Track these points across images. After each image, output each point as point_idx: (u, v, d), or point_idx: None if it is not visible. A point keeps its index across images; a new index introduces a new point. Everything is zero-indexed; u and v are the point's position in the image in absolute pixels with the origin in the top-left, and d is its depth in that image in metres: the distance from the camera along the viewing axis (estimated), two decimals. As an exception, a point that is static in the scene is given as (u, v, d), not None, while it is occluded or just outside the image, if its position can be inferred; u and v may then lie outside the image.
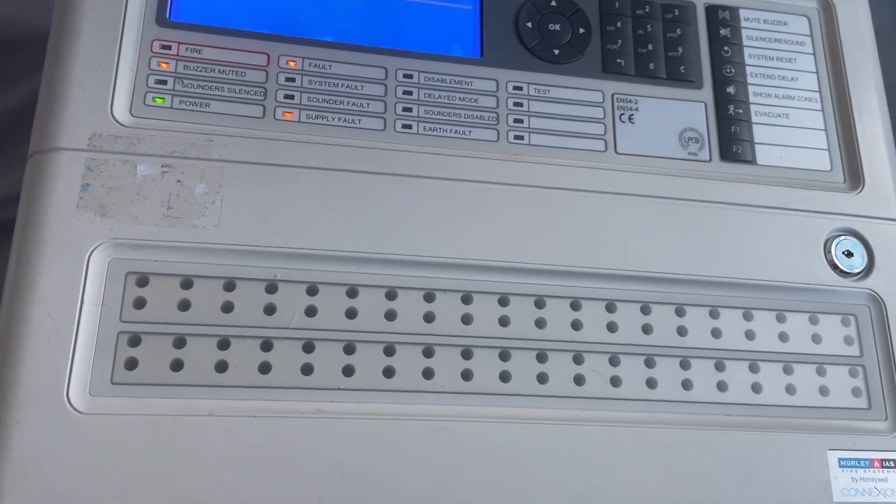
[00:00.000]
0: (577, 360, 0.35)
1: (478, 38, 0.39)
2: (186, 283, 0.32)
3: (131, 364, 0.31)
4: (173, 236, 0.32)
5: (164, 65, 0.35)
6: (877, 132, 0.42)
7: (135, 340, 0.31)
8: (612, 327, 0.35)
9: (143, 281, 0.32)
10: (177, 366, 0.31)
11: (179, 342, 0.31)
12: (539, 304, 0.35)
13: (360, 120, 0.36)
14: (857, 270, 0.38)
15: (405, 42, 0.39)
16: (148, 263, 0.32)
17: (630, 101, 0.40)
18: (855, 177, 0.40)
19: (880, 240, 0.39)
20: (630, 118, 0.39)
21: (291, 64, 0.36)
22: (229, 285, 0.32)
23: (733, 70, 0.41)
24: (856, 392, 0.37)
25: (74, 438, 0.29)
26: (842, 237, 0.39)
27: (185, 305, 0.32)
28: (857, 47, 0.43)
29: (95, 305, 0.31)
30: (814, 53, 0.43)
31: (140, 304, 0.31)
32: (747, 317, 0.37)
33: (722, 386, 0.36)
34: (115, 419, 0.30)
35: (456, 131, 0.37)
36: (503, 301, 0.35)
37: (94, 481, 0.29)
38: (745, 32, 0.42)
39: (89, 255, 0.31)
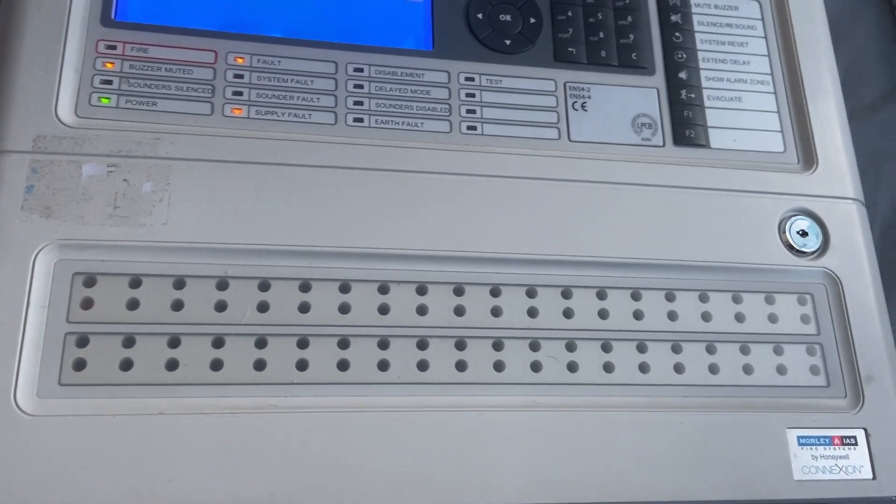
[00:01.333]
0: (534, 346, 0.35)
1: (429, 30, 0.39)
2: (135, 283, 0.32)
3: (79, 365, 0.31)
4: (120, 235, 0.32)
5: (109, 65, 0.35)
6: (830, 112, 0.42)
7: (83, 341, 0.31)
8: (568, 313, 0.35)
9: (90, 281, 0.32)
10: (126, 365, 0.31)
11: (128, 342, 0.31)
12: (495, 292, 0.35)
13: (310, 115, 0.36)
14: (812, 250, 0.38)
15: (356, 36, 0.39)
16: (95, 263, 0.32)
17: (582, 88, 0.40)
18: (808, 157, 0.41)
19: (835, 218, 0.39)
20: (583, 106, 0.39)
21: (239, 61, 0.36)
22: (179, 283, 0.32)
23: (685, 55, 0.41)
24: (814, 370, 0.37)
25: (23, 441, 0.29)
26: (796, 217, 0.39)
27: (133, 304, 0.32)
28: (809, 29, 0.44)
29: (42, 307, 0.31)
30: (765, 37, 0.43)
31: (87, 304, 0.31)
32: (703, 299, 0.37)
33: (679, 368, 0.36)
34: (64, 420, 0.30)
35: (408, 123, 0.37)
36: (458, 291, 0.35)
37: (44, 484, 0.29)
38: (696, 18, 0.43)
39: (35, 256, 0.31)
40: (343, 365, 0.33)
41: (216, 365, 0.32)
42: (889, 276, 0.55)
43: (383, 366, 0.33)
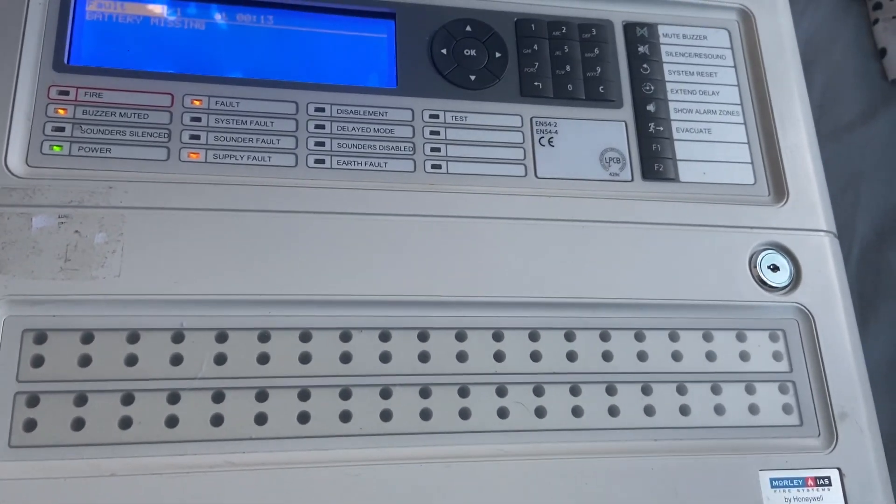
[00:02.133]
0: (501, 392, 0.34)
1: (393, 66, 0.39)
2: (87, 338, 0.31)
3: (30, 425, 0.30)
4: (71, 289, 0.31)
5: (61, 111, 0.34)
6: (800, 141, 0.41)
7: (33, 400, 0.30)
8: (535, 356, 0.35)
9: (40, 338, 0.31)
10: (78, 424, 0.30)
11: (81, 399, 0.30)
12: (460, 336, 0.34)
13: (270, 157, 0.35)
14: (783, 284, 0.38)
15: (318, 75, 0.38)
16: (46, 319, 0.31)
17: (549, 123, 0.39)
18: (779, 189, 0.40)
19: (806, 252, 0.39)
20: (549, 141, 0.39)
21: (196, 103, 0.36)
22: (133, 337, 0.31)
23: (653, 87, 0.41)
24: (786, 409, 0.36)
25: (-30, 508, 0.28)
26: (767, 251, 0.38)
27: (85, 361, 0.31)
28: (779, 57, 0.43)
29: (-10, 366, 0.30)
30: (735, 66, 0.43)
31: (38, 362, 0.30)
32: (673, 337, 0.36)
33: (649, 410, 0.35)
34: (15, 484, 0.29)
35: (371, 163, 0.37)
36: (423, 336, 0.34)
37: (-7, 552, 0.28)
38: (664, 49, 0.42)
39: (-17, 313, 0.30)
40: (303, 417, 0.32)
41: (171, 421, 0.31)
42: (868, 299, 0.55)
43: (345, 417, 0.32)
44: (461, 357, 0.34)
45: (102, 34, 0.36)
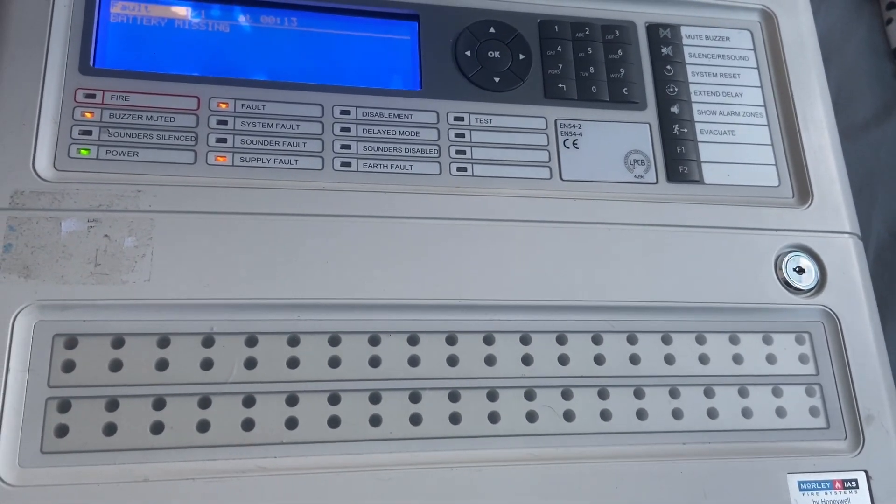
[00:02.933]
0: (529, 396, 0.34)
1: (417, 69, 0.39)
2: (118, 342, 0.31)
3: (62, 431, 0.30)
4: (102, 294, 0.31)
5: (88, 114, 0.34)
6: (824, 143, 0.41)
7: (65, 406, 0.30)
8: (563, 360, 0.35)
9: (71, 343, 0.31)
10: (110, 430, 0.30)
11: (112, 405, 0.30)
12: (488, 340, 0.34)
13: (296, 160, 0.35)
14: (809, 287, 0.38)
15: (342, 77, 0.38)
16: (76, 324, 0.31)
17: (573, 125, 0.39)
18: (803, 191, 0.40)
19: (831, 254, 0.39)
20: (574, 143, 0.39)
21: (223, 106, 0.35)
22: (163, 341, 0.31)
23: (677, 89, 0.41)
24: (813, 412, 0.36)
25: (3, 513, 0.28)
26: (792, 253, 0.38)
27: (116, 366, 0.31)
28: (801, 58, 0.43)
29: (22, 372, 0.30)
30: (757, 67, 0.43)
31: (69, 367, 0.30)
32: (700, 341, 0.36)
33: (677, 413, 0.35)
34: (47, 490, 0.29)
35: (397, 166, 0.36)
36: (451, 340, 0.34)
37: (26, 557, 0.28)
38: (687, 50, 0.42)
39: (14, 318, 0.30)
40: (334, 422, 0.32)
41: (203, 426, 0.31)
42: (884, 300, 0.54)
43: (375, 421, 0.32)
44: (489, 361, 0.34)
45: (127, 37, 0.36)
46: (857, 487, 0.35)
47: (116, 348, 0.31)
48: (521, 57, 0.40)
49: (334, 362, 0.33)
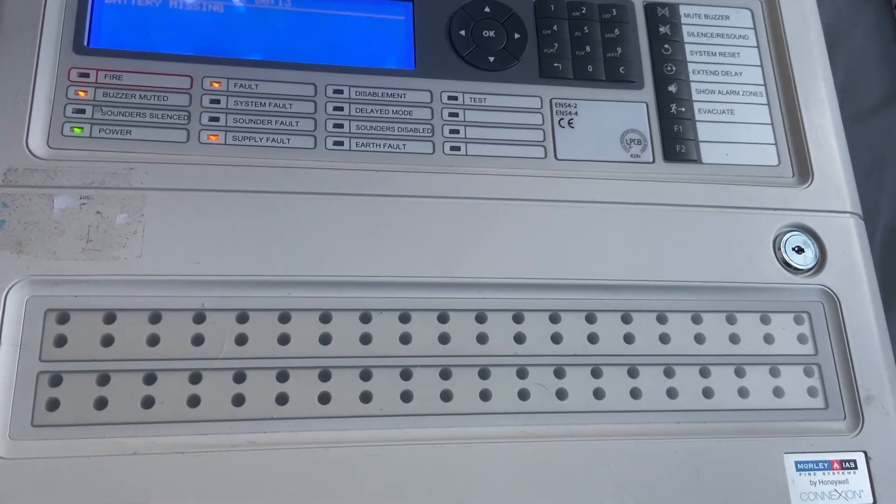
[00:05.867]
0: (521, 374, 0.34)
1: (411, 48, 0.39)
2: (109, 318, 0.31)
3: (53, 405, 0.30)
4: (94, 270, 0.31)
5: (81, 93, 0.34)
6: (825, 122, 0.41)
7: (56, 380, 0.30)
8: (556, 338, 0.35)
9: (63, 318, 0.31)
10: (101, 404, 0.30)
11: (103, 379, 0.30)
12: (480, 318, 0.34)
13: (289, 139, 0.35)
14: (808, 266, 0.37)
15: (336, 57, 0.38)
16: (68, 299, 0.31)
17: (569, 105, 0.39)
18: (804, 170, 0.39)
19: (831, 233, 0.38)
20: (570, 123, 0.38)
21: (216, 85, 0.36)
22: (154, 317, 0.31)
23: (675, 68, 0.40)
24: (811, 392, 0.36)
25: (-5, 485, 0.28)
26: (792, 233, 0.38)
27: (108, 341, 0.31)
28: (803, 37, 0.42)
29: (14, 346, 0.30)
30: (758, 46, 0.42)
31: (61, 341, 0.31)
32: (696, 320, 0.36)
33: (672, 393, 0.35)
34: (38, 463, 0.29)
35: (390, 146, 0.36)
36: (443, 318, 0.34)
37: (18, 529, 0.28)
38: (685, 29, 0.41)
39: (6, 293, 0.30)
40: (324, 398, 0.32)
41: (193, 401, 0.31)
42: (893, 283, 0.54)
43: (366, 398, 0.32)
44: (481, 339, 0.34)
45: (121, 17, 0.36)
46: (855, 468, 0.34)
47: (108, 324, 0.31)
48: (517, 36, 0.39)
49: (325, 339, 0.33)
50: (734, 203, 0.38)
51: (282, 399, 0.31)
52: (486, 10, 0.40)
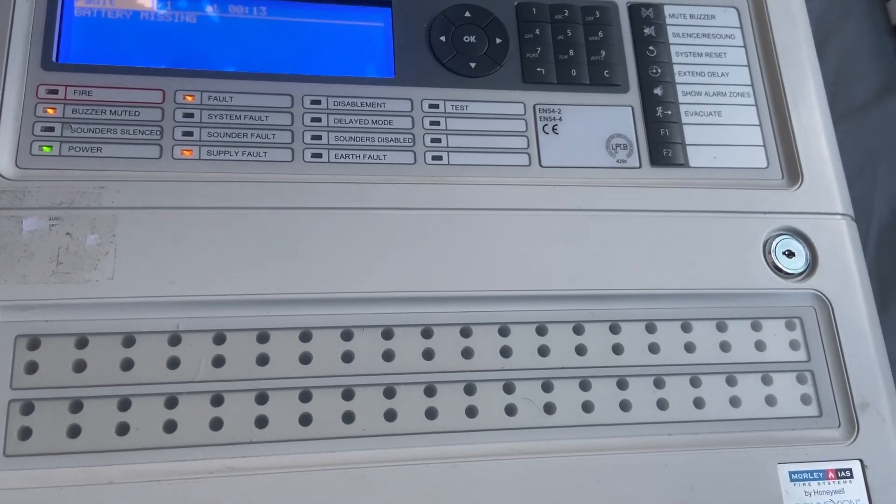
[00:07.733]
0: (508, 388, 0.33)
1: (390, 56, 0.38)
2: (81, 342, 0.30)
3: (25, 434, 0.29)
4: (65, 293, 0.30)
5: (50, 110, 0.33)
6: (815, 123, 0.40)
7: (28, 408, 0.29)
8: (543, 351, 0.34)
9: (34, 343, 0.30)
10: (74, 432, 0.29)
11: (76, 406, 0.30)
12: (465, 332, 0.33)
13: (265, 152, 0.35)
14: (799, 270, 0.37)
15: (313, 66, 0.37)
16: (39, 324, 0.30)
17: (553, 110, 0.38)
18: (793, 172, 0.39)
19: (822, 236, 0.37)
20: (554, 129, 0.38)
21: (189, 98, 0.35)
22: (128, 340, 0.31)
23: (660, 70, 0.40)
24: (805, 399, 0.35)
25: (-35, 519, 0.27)
26: (782, 236, 0.37)
27: (80, 366, 0.30)
28: (791, 34, 0.42)
29: (-17, 374, 0.29)
30: (744, 46, 0.41)
31: (32, 368, 0.30)
32: (686, 328, 0.35)
33: (662, 404, 0.34)
34: (11, 494, 0.28)
35: (370, 156, 0.36)
36: (426, 333, 0.33)
37: (-10, 563, 0.27)
38: (670, 30, 0.41)
39: (-26, 320, 0.29)
40: (305, 419, 0.31)
41: (169, 426, 0.30)
42: (887, 283, 0.53)
43: (348, 418, 0.31)
44: (466, 353, 0.33)
45: (91, 30, 0.35)
46: (851, 477, 0.34)
47: (80, 348, 0.30)
48: (498, 41, 0.39)
49: (305, 358, 0.32)
50: (723, 207, 0.37)
51: (261, 422, 0.31)
52: (467, 14, 0.39)
